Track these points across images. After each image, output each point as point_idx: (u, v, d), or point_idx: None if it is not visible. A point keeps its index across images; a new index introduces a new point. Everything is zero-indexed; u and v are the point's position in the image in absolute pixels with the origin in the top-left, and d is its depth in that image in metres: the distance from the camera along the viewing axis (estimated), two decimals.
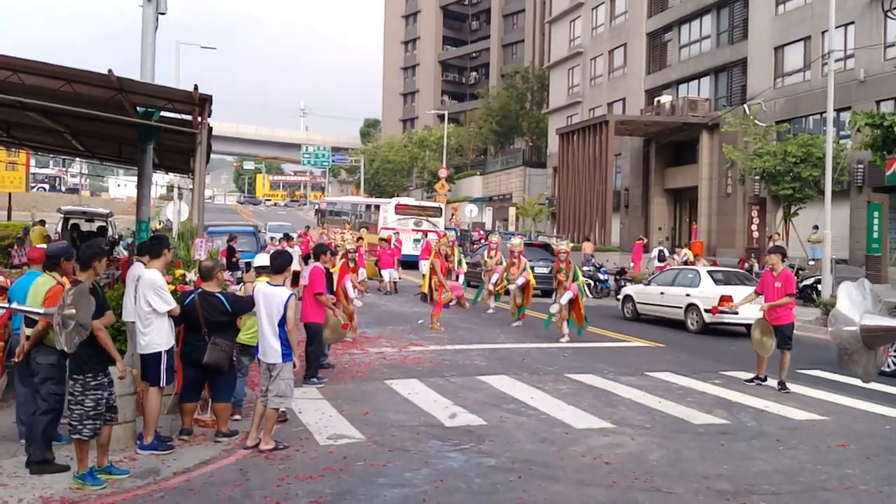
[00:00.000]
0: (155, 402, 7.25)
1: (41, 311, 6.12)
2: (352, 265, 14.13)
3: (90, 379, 6.31)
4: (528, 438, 8.07)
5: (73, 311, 5.55)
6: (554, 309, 15.32)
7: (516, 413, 9.15)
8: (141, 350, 7.30)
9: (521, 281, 17.20)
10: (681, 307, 17.44)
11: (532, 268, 18.01)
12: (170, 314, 7.30)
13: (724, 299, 15.31)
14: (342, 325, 11.47)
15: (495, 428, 8.44)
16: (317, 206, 60.57)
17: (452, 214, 52.64)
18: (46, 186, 74.54)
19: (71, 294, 5.62)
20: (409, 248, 30.23)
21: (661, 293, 18.21)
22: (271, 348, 7.42)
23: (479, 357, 13.07)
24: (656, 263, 28.13)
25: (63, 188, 75.27)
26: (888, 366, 12.08)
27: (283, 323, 7.38)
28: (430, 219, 35.73)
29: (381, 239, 27.31)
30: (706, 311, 16.41)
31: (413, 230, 33.13)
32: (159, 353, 7.23)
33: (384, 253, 24.18)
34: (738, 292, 15.59)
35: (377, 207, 38.33)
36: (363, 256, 19.72)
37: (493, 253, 19.56)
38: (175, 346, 7.49)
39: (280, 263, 7.72)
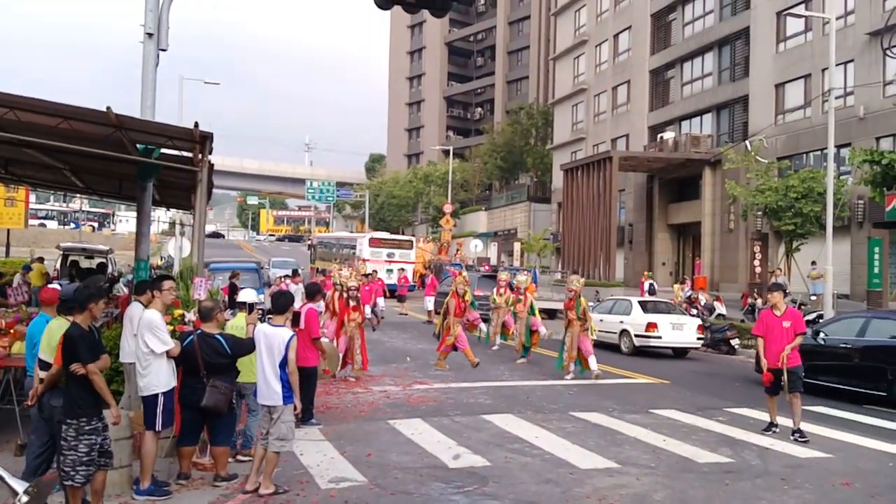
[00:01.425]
0: (151, 446, 7.15)
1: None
2: (353, 303, 14.09)
3: (84, 423, 6.20)
4: (533, 479, 7.97)
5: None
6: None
7: (521, 453, 9.05)
8: (140, 392, 7.25)
9: (543, 331, 17.79)
10: (616, 332, 19.74)
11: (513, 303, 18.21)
12: (169, 354, 7.25)
13: (650, 326, 18.66)
14: (325, 371, 11.56)
15: (499, 469, 8.34)
16: (309, 242, 63.03)
17: (458, 249, 52.67)
18: (54, 222, 74.30)
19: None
20: (384, 278, 31.29)
21: (601, 320, 19.65)
22: (272, 390, 7.33)
23: (484, 395, 12.97)
24: (647, 297, 28.07)
25: (73, 223, 74.96)
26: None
27: (284, 364, 7.31)
28: (401, 250, 39.02)
29: (365, 274, 27.28)
30: (636, 335, 19.05)
31: (386, 261, 36.10)
32: (156, 395, 7.16)
33: (362, 288, 24.03)
34: (663, 320, 18.92)
35: (352, 241, 42.44)
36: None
37: (501, 290, 19.30)
38: (174, 387, 7.42)
39: (283, 304, 7.69)
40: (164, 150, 10.07)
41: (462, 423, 10.67)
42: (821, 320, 20.11)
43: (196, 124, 8.67)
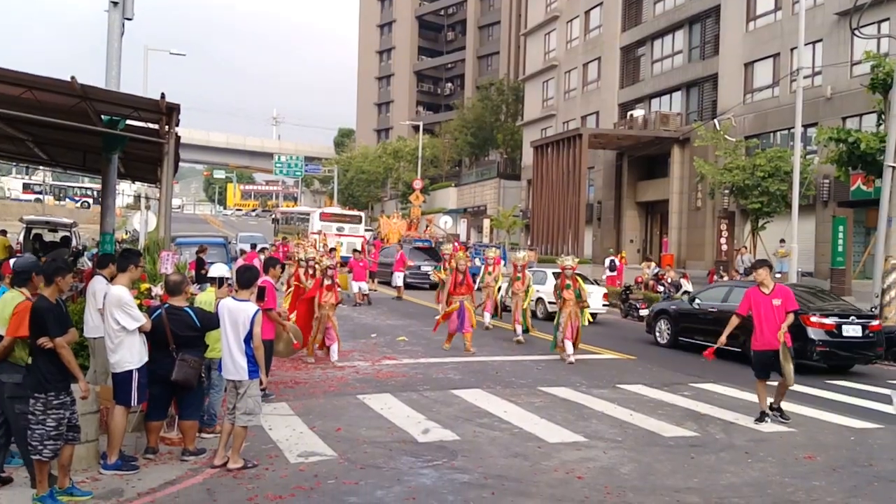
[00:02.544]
0: (120, 420, 7.10)
1: None
2: (328, 282, 13.38)
3: (52, 398, 6.15)
4: (502, 453, 8.04)
5: None
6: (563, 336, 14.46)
7: (489, 427, 9.12)
8: (112, 369, 7.16)
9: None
10: (534, 300, 20.40)
11: (474, 274, 17.72)
12: (141, 330, 7.16)
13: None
14: (293, 345, 11.14)
15: (468, 443, 8.40)
16: (273, 216, 65.94)
17: (427, 226, 52.65)
18: (50, 196, 72.21)
19: None
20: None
21: None
22: (238, 365, 7.27)
23: (453, 370, 13.02)
24: (607, 273, 28.40)
25: (69, 199, 72.08)
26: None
27: (249, 339, 7.24)
28: (351, 224, 42.60)
29: (355, 250, 27.23)
30: (549, 302, 20.42)
31: (336, 234, 38.62)
32: (130, 371, 7.08)
33: (356, 264, 23.98)
34: None
35: (308, 215, 45.82)
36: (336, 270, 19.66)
37: (491, 269, 18.57)
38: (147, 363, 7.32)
39: (248, 278, 7.60)
40: (129, 122, 9.90)
41: (431, 397, 10.71)
42: None
43: (163, 95, 8.53)
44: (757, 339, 9.69)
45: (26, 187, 73.91)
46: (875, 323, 14.47)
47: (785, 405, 10.73)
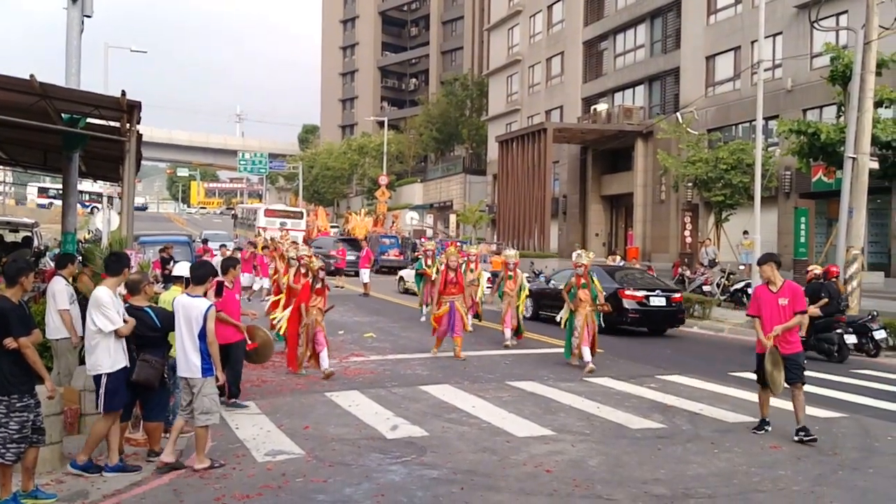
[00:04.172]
0: (100, 425, 6.94)
1: None
2: (318, 286, 12.17)
3: (15, 400, 6.03)
4: (470, 448, 8.05)
5: None
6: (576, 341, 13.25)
7: (458, 423, 9.12)
8: (88, 371, 7.04)
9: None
10: (412, 282, 23.85)
11: (437, 268, 17.20)
12: (118, 334, 7.00)
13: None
14: (248, 346, 10.10)
15: (437, 439, 8.39)
16: (233, 212, 68.32)
17: (393, 222, 52.60)
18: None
19: None
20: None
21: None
22: (191, 363, 7.13)
23: (421, 366, 13.01)
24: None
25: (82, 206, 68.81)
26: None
27: (203, 335, 7.12)
28: (293, 220, 46.21)
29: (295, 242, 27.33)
30: (409, 282, 25.46)
31: (279, 229, 39.98)
32: (100, 375, 6.93)
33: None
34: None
35: (256, 211, 49.40)
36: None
37: (472, 266, 17.13)
38: (123, 367, 7.11)
39: (200, 274, 7.45)
40: (90, 120, 9.75)
41: (399, 394, 10.69)
42: (749, 289, 20.84)
43: (123, 93, 8.41)
44: (761, 343, 8.71)
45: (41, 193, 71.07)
46: (677, 296, 18.34)
47: (750, 395, 10.60)
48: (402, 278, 28.43)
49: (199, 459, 7.14)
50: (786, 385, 8.66)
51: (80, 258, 10.97)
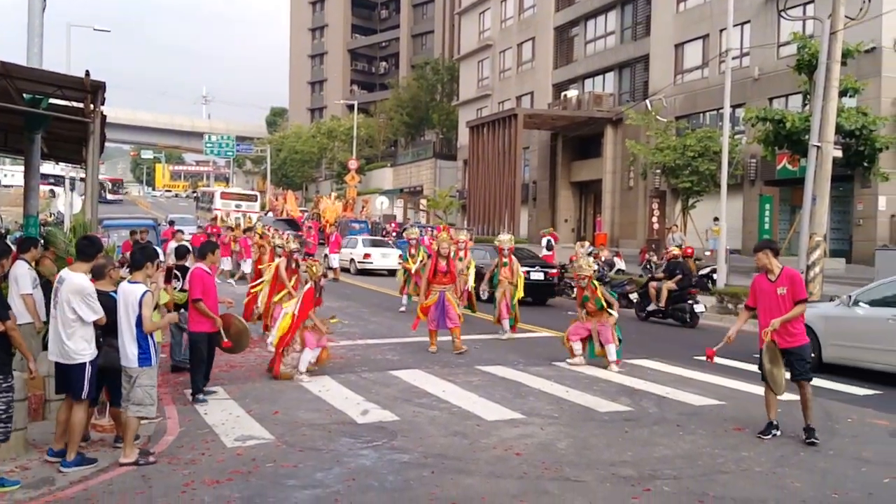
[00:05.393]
0: (80, 416, 6.79)
1: None
2: (318, 295, 11.08)
3: (1, 380, 6.04)
4: (441, 432, 8.08)
5: None
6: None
7: (428, 407, 9.15)
8: (66, 360, 6.80)
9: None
10: (347, 260, 28.89)
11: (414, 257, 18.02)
12: (96, 324, 6.86)
13: (366, 255, 28.94)
14: (223, 343, 9.67)
15: (408, 423, 8.42)
16: (196, 195, 69.13)
17: (363, 206, 52.38)
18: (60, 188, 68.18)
19: None
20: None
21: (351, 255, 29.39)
22: (127, 351, 6.87)
23: (391, 351, 13.02)
24: (544, 252, 28.76)
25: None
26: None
27: (139, 323, 6.84)
28: (248, 202, 48.52)
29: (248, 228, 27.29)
30: (358, 262, 28.87)
31: (235, 211, 42.94)
32: (84, 363, 6.78)
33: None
34: (376, 252, 29.07)
35: (213, 195, 50.91)
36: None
37: (462, 254, 16.28)
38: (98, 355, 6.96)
39: (138, 259, 7.18)
40: (53, 101, 9.58)
41: (370, 379, 10.69)
42: (714, 274, 21.14)
43: (87, 73, 8.27)
44: (762, 336, 8.00)
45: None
46: (553, 271, 21.16)
47: (715, 379, 10.95)
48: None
49: (126, 453, 6.86)
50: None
51: (42, 241, 10.79)
